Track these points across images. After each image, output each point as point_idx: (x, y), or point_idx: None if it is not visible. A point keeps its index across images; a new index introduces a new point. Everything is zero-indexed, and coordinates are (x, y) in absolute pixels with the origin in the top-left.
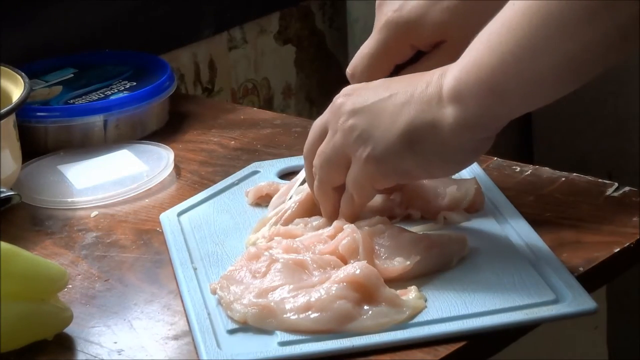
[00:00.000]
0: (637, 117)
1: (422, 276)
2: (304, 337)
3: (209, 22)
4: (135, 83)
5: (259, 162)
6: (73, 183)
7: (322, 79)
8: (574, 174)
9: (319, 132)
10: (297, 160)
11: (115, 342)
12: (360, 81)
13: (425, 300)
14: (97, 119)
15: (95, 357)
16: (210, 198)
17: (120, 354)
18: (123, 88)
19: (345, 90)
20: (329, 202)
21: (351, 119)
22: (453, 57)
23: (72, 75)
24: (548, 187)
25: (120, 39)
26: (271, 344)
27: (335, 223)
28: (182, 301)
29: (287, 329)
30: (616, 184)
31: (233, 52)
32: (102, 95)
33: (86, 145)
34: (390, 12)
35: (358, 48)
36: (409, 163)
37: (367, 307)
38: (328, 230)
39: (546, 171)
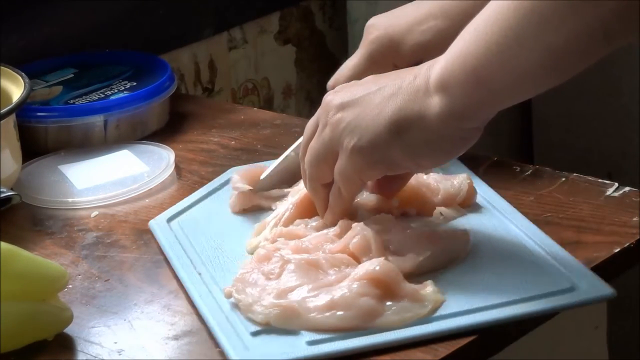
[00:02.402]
0: (637, 117)
1: (432, 271)
2: (331, 336)
3: (209, 22)
4: (135, 83)
5: (235, 167)
6: (73, 183)
7: (322, 79)
8: (574, 174)
9: (311, 131)
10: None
11: (116, 342)
12: None
13: (443, 294)
14: (98, 119)
15: (95, 357)
16: (195, 204)
17: (120, 354)
18: (123, 88)
19: (336, 88)
20: (320, 199)
21: (339, 113)
22: None
23: (72, 75)
24: (548, 187)
25: (120, 39)
26: (299, 343)
27: (340, 222)
28: (191, 303)
29: (313, 328)
30: (616, 184)
31: (233, 52)
32: (103, 95)
33: (86, 146)
34: (377, 31)
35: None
36: (396, 153)
37: (390, 303)
38: (334, 230)
39: (546, 171)
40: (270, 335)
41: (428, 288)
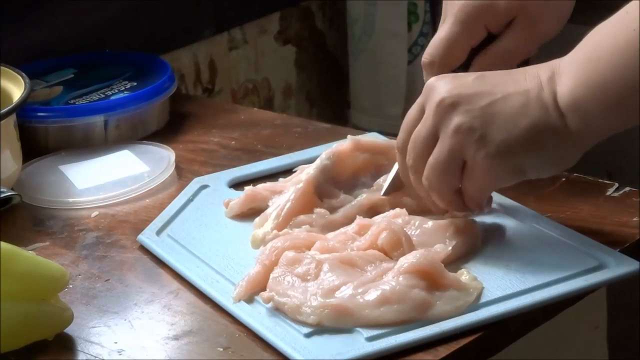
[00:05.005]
0: None
1: (455, 262)
2: (387, 330)
3: (209, 23)
4: (135, 83)
5: (201, 177)
6: (74, 183)
7: (322, 79)
8: (574, 174)
9: (413, 125)
10: (239, 171)
11: (116, 342)
12: (440, 67)
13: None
14: (98, 119)
15: (95, 357)
16: (178, 213)
17: (120, 354)
18: (124, 88)
19: (440, 88)
20: (451, 204)
21: (458, 117)
22: (525, 32)
23: (72, 75)
24: (548, 187)
25: (120, 39)
26: (357, 340)
27: (358, 220)
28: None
29: (368, 324)
30: (616, 184)
31: (233, 53)
32: (103, 96)
33: (87, 146)
34: None
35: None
36: (526, 164)
37: (438, 293)
38: (352, 227)
39: None
40: (323, 336)
41: (465, 276)
